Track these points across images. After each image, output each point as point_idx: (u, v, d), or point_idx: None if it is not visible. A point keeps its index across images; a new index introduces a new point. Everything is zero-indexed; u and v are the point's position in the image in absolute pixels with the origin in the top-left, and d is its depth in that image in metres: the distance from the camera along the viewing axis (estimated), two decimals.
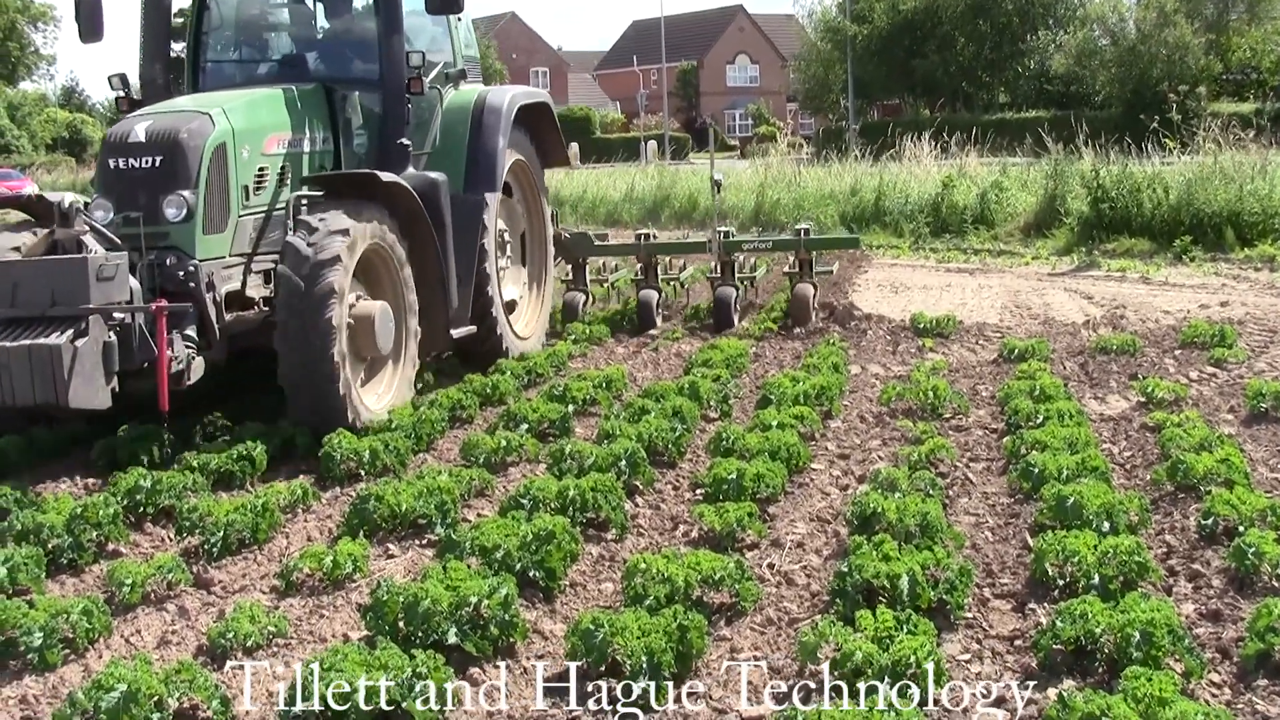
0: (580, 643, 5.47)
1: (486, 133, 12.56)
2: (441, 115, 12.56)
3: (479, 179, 12.45)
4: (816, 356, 12.50)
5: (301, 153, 10.97)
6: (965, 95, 68.11)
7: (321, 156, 11.26)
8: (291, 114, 10.89)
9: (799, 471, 8.73)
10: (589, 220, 32.59)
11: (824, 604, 6.32)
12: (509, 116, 12.78)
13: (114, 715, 5.01)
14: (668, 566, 6.22)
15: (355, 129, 11.68)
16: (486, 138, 12.55)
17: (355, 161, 11.59)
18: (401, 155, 11.56)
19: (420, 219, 10.99)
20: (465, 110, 12.65)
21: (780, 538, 7.45)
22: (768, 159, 34.58)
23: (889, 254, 23.72)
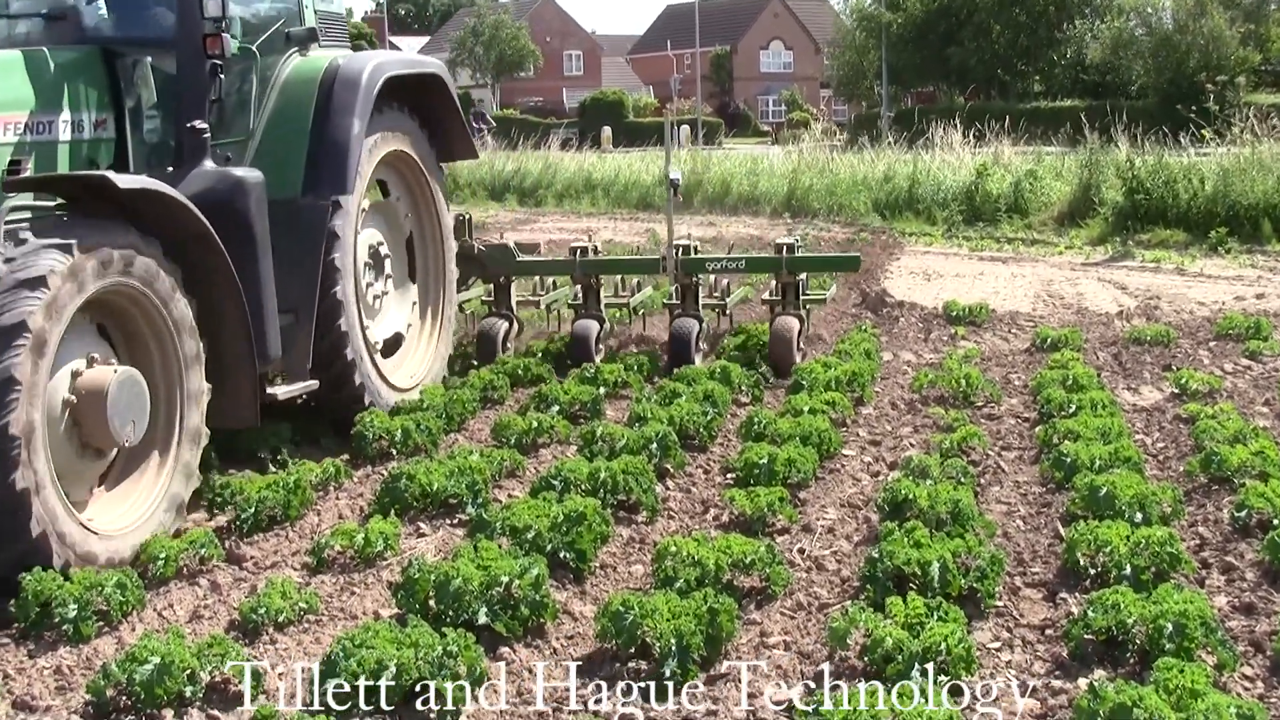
0: (610, 624, 5.48)
1: (337, 114, 9.24)
2: (279, 91, 9.28)
3: (324, 177, 9.12)
4: (849, 343, 12.47)
5: (54, 141, 7.90)
6: (1000, 83, 67.76)
7: (92, 148, 8.18)
8: (36, 86, 7.80)
9: (830, 457, 8.72)
10: (621, 205, 32.55)
11: (854, 590, 6.32)
12: (370, 91, 9.38)
13: (147, 687, 5.05)
14: (698, 550, 6.22)
15: (147, 108, 8.53)
16: (336, 120, 9.22)
17: (145, 153, 8.50)
18: (197, 145, 8.27)
19: (206, 238, 7.57)
20: (310, 84, 9.33)
21: (811, 523, 7.45)
22: (801, 145, 34.49)
23: (922, 241, 23.64)
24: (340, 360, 9.19)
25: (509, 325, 12.49)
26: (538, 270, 13.25)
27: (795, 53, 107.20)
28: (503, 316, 12.51)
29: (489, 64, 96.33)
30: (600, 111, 75.99)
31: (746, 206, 30.03)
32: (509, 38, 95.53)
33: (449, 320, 11.11)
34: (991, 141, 30.36)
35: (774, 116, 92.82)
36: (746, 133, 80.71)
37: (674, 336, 12.00)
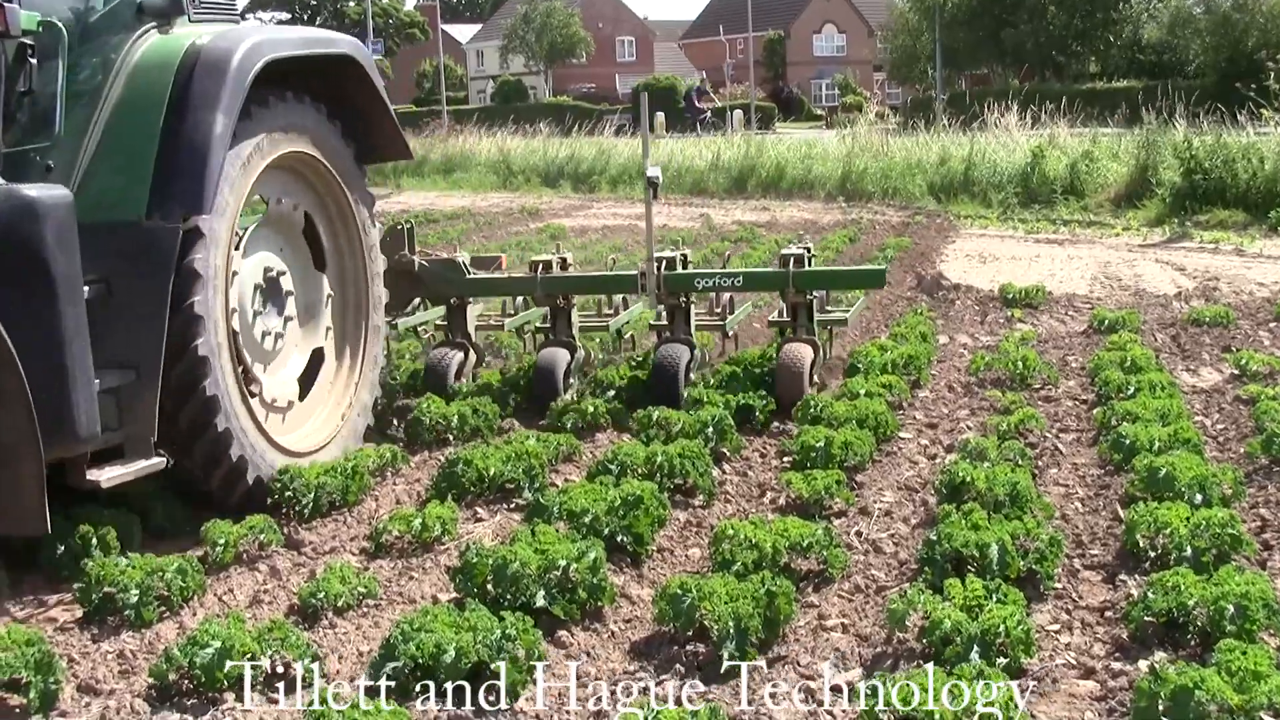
0: (668, 607, 5.48)
1: (195, 109, 7.08)
2: (125, 79, 7.15)
3: (175, 192, 6.94)
4: (904, 326, 12.42)
5: None
6: (1055, 65, 67.31)
7: None
8: None
9: (887, 440, 8.70)
10: (674, 190, 32.51)
11: (912, 572, 6.30)
12: (242, 79, 7.18)
13: (208, 671, 5.10)
14: (755, 533, 6.21)
15: None
16: (194, 118, 7.06)
17: None
18: None
19: None
20: (166, 70, 7.19)
21: (868, 506, 7.43)
22: (855, 129, 34.38)
23: (977, 224, 23.54)
24: (208, 433, 7.08)
25: (464, 356, 10.26)
26: (490, 290, 10.92)
27: (848, 36, 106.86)
28: (457, 345, 10.32)
29: (541, 51, 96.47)
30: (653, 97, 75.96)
31: (800, 191, 29.99)
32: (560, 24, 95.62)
33: (373, 361, 8.75)
34: (1047, 123, 30.16)
35: (827, 101, 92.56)
36: (800, 117, 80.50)
37: (656, 367, 9.79)
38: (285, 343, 8.05)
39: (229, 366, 7.19)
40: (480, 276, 10.58)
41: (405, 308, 10.48)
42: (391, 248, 9.94)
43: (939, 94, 57.66)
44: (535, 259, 10.52)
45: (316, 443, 8.11)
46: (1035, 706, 4.87)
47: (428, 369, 10.20)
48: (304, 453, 7.88)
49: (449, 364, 10.12)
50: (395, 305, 9.88)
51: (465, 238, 23.69)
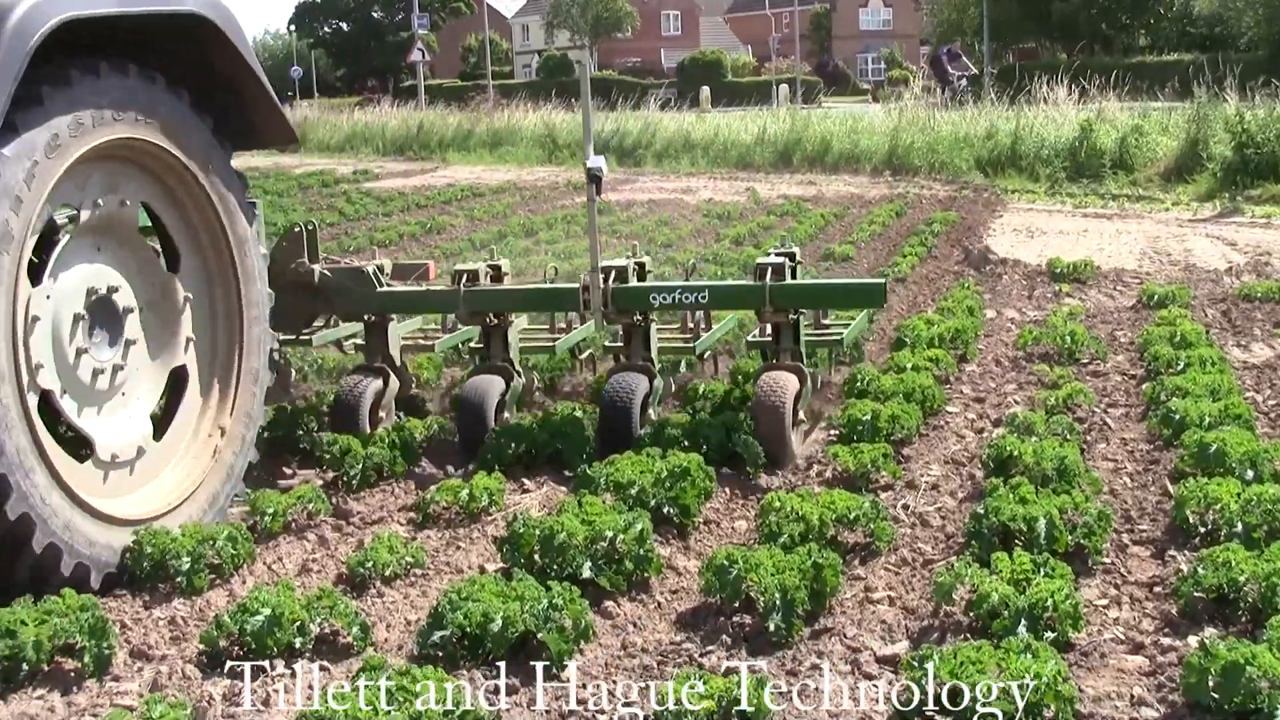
0: (714, 579, 5.49)
1: None
2: None
3: None
4: (951, 300, 12.37)
5: None
6: (1104, 38, 66.73)
7: None
8: None
9: (934, 414, 8.67)
10: (720, 164, 32.44)
11: (959, 546, 6.28)
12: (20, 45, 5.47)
13: (258, 638, 5.14)
14: (802, 505, 6.21)
15: None
16: None
17: None
18: None
19: None
20: None
21: (915, 479, 7.41)
22: (901, 103, 34.21)
23: (1024, 199, 23.40)
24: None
25: (382, 384, 8.47)
26: (404, 306, 8.99)
27: (895, 10, 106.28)
28: (374, 372, 8.51)
29: (586, 25, 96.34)
30: (698, 71, 75.81)
31: (847, 165, 29.89)
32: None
33: (251, 378, 7.02)
34: (1096, 97, 29.93)
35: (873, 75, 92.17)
36: (845, 91, 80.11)
37: (605, 403, 8.06)
38: (128, 372, 6.38)
39: (24, 441, 5.58)
40: (392, 290, 8.73)
41: (306, 326, 8.77)
42: (288, 254, 8.43)
43: (987, 68, 57.19)
44: (459, 268, 8.61)
45: (175, 497, 6.48)
46: (1083, 681, 4.85)
47: (336, 401, 8.34)
48: (151, 516, 6.25)
49: (361, 395, 8.26)
50: (294, 323, 8.52)
51: (511, 211, 23.74)
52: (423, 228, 21.14)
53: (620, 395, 8.00)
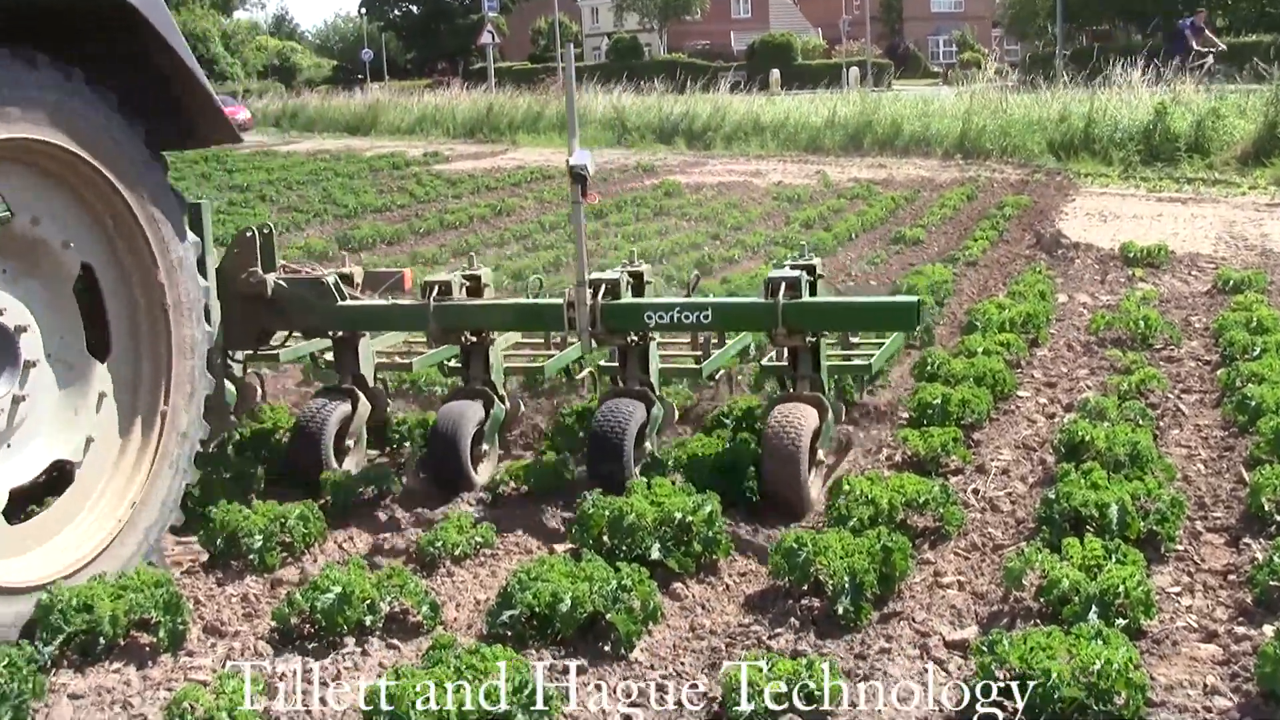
0: (783, 561, 5.48)
1: None
2: None
3: None
4: (1023, 284, 12.28)
5: None
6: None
7: None
8: None
9: (1005, 398, 8.62)
10: (790, 147, 32.34)
11: (1029, 531, 6.24)
12: None
13: (329, 615, 5.18)
14: (872, 488, 6.19)
15: None
16: None
17: None
18: None
19: None
20: None
21: (985, 464, 7.37)
22: (973, 85, 33.96)
23: (1097, 182, 23.16)
24: None
25: (350, 408, 7.49)
26: (368, 322, 7.71)
27: None
28: (340, 395, 7.53)
29: (655, 8, 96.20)
30: (768, 54, 75.57)
31: (917, 148, 29.73)
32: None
33: (183, 438, 6.09)
34: (1171, 79, 29.59)
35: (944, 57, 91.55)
36: (916, 74, 79.64)
37: (593, 436, 7.07)
38: (28, 406, 5.46)
39: None
40: (354, 305, 7.55)
41: (261, 342, 7.72)
42: (239, 262, 7.38)
43: (1060, 50, 56.57)
44: (429, 279, 7.55)
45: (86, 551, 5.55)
46: (1155, 669, 4.81)
47: (295, 429, 7.42)
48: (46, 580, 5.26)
49: (325, 421, 7.30)
50: (246, 339, 7.52)
51: None
52: (492, 210, 21.21)
53: (610, 426, 6.98)
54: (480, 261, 8.22)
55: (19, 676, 4.55)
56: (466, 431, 7.16)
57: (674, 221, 19.34)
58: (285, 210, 22.23)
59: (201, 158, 35.68)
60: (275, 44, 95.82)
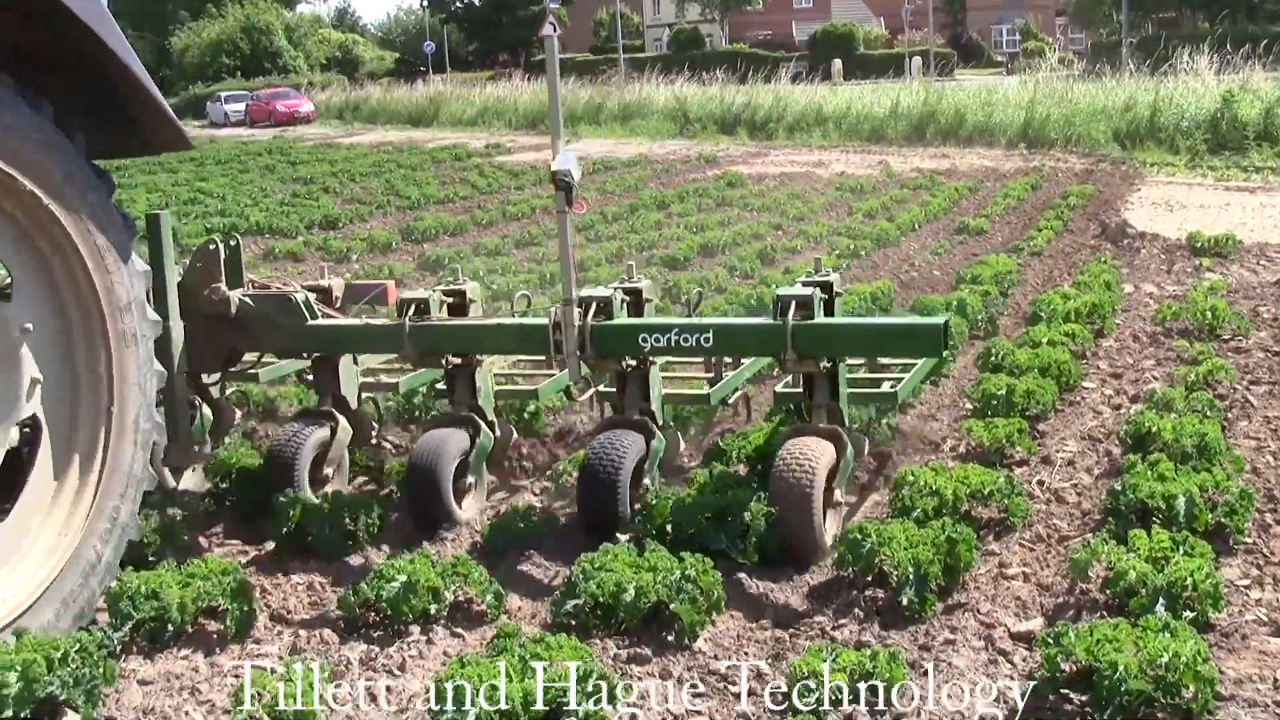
0: (847, 552, 5.46)
1: None
2: None
3: None
4: (1088, 274, 12.19)
5: None
6: (1249, 6, 65.09)
7: None
8: None
9: (1070, 389, 8.55)
10: (852, 138, 32.23)
11: (1095, 523, 6.20)
12: None
13: (394, 604, 5.22)
14: (936, 479, 6.16)
15: None
16: None
17: None
18: None
19: None
20: None
21: (1050, 455, 7.32)
22: (1037, 74, 33.73)
23: (1163, 171, 22.97)
24: None
25: (329, 433, 6.87)
26: (338, 343, 7.00)
27: None
28: (318, 419, 6.94)
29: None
30: (830, 44, 75.29)
31: (981, 138, 29.60)
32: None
33: (125, 487, 5.33)
34: (1240, 67, 29.26)
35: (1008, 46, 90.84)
36: (980, 63, 79.12)
37: (584, 473, 6.38)
38: None
39: None
40: (324, 324, 6.89)
41: (228, 365, 7.08)
42: (202, 277, 6.81)
43: (1125, 38, 56.03)
44: (406, 295, 6.93)
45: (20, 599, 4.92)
46: (1223, 662, 4.77)
47: (268, 456, 6.84)
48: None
49: (300, 448, 6.69)
50: (210, 361, 6.89)
51: (643, 184, 23.76)
52: (555, 201, 21.20)
53: (603, 463, 6.29)
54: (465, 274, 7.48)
55: (90, 662, 4.60)
56: (447, 464, 6.51)
57: (736, 212, 19.33)
58: (349, 202, 22.37)
59: (265, 150, 35.95)
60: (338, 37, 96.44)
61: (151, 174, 30.20)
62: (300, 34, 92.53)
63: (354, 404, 7.12)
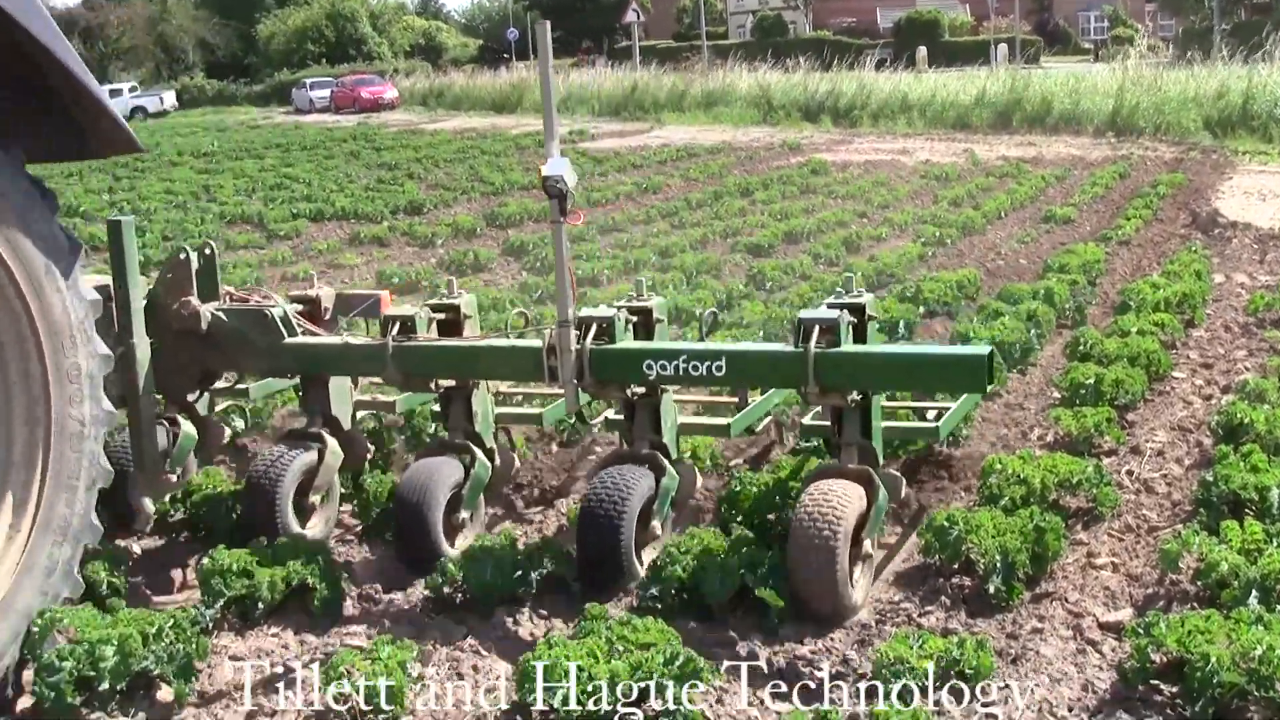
0: (934, 539, 5.44)
1: None
2: None
3: None
4: (1178, 264, 12.04)
5: None
6: None
7: None
8: None
9: (1159, 379, 8.46)
10: (937, 125, 32.00)
11: (1186, 514, 6.13)
12: None
13: (481, 586, 5.29)
14: (1023, 468, 6.11)
15: None
16: None
17: None
18: None
19: None
20: None
21: (1139, 445, 7.24)
22: (1126, 62, 33.35)
23: (1256, 160, 22.64)
24: None
25: (316, 458, 6.17)
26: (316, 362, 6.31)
27: None
28: (305, 441, 6.23)
29: None
30: (915, 31, 74.77)
31: (1068, 126, 29.32)
32: None
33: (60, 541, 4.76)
34: None
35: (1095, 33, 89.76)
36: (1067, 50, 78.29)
37: (583, 517, 5.57)
38: None
39: None
40: (303, 342, 6.25)
41: (202, 385, 6.50)
42: (172, 290, 6.26)
43: (1217, 24, 55.22)
44: (390, 313, 6.25)
45: None
46: None
47: (246, 484, 6.14)
48: None
49: (281, 475, 6.01)
50: (182, 382, 6.36)
51: (726, 171, 23.72)
52: (639, 187, 21.26)
53: (603, 504, 5.51)
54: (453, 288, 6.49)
55: (184, 638, 4.67)
56: (437, 497, 5.81)
57: (820, 199, 19.26)
58: (433, 187, 22.50)
59: (350, 136, 36.21)
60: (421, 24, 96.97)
61: (238, 160, 30.53)
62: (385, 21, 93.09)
63: (346, 424, 6.41)
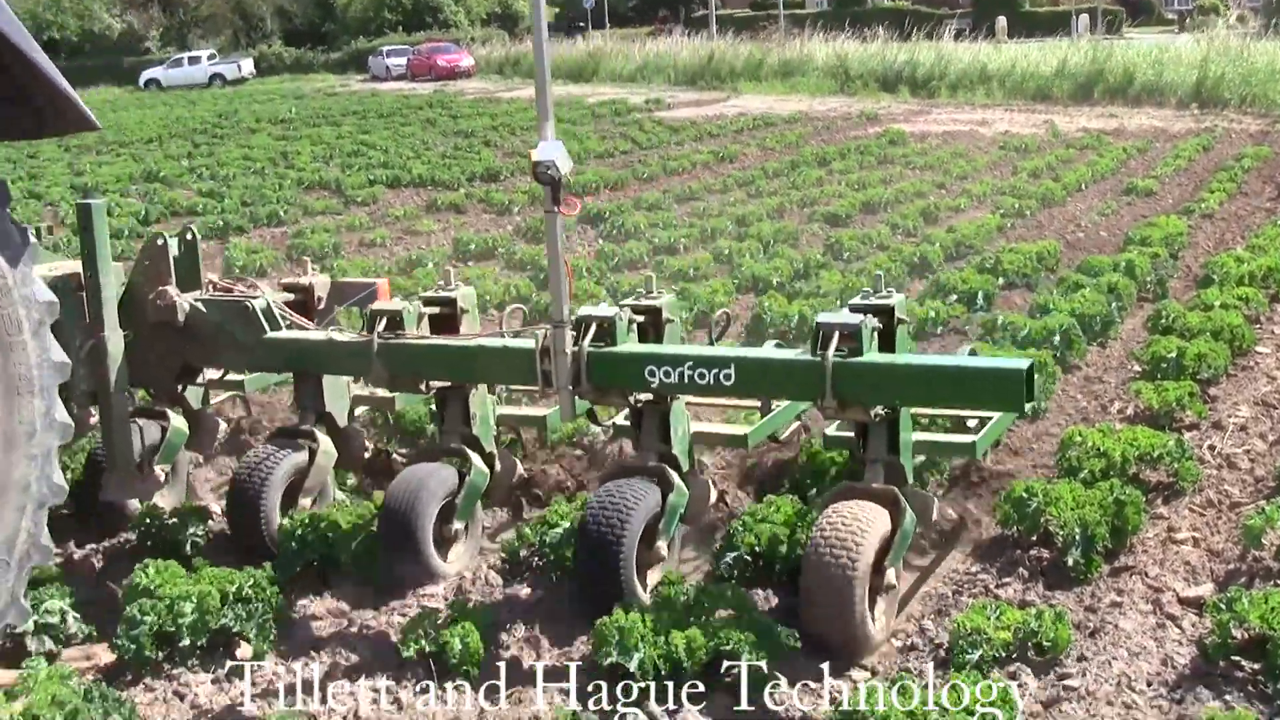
0: (1013, 511, 5.40)
1: None
2: None
3: None
4: (1263, 237, 11.86)
5: None
6: None
7: None
8: None
9: (1242, 354, 8.34)
10: (1016, 96, 31.68)
11: (1269, 490, 6.06)
12: None
13: (557, 549, 5.32)
14: (1103, 440, 6.06)
15: None
16: None
17: None
18: None
19: None
20: None
21: (1222, 420, 7.15)
22: (1211, 32, 32.86)
23: None
24: None
25: (306, 460, 5.84)
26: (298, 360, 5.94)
27: None
28: (294, 440, 5.91)
29: None
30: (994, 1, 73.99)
31: (1150, 97, 28.95)
32: None
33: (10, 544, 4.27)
34: None
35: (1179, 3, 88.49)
36: (1150, 21, 77.23)
37: (581, 535, 5.04)
38: None
39: None
40: (284, 337, 5.88)
41: (183, 380, 6.20)
42: (150, 279, 5.93)
43: None
44: (376, 307, 5.79)
45: None
46: None
47: (231, 487, 5.84)
48: None
49: (269, 474, 5.70)
50: (161, 376, 6.12)
51: (803, 141, 23.60)
52: (715, 156, 21.21)
53: (603, 522, 4.98)
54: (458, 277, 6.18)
55: (263, 597, 4.73)
56: (428, 507, 5.35)
57: (898, 170, 19.12)
58: (509, 155, 22.54)
59: (426, 104, 36.33)
60: None
61: (316, 127, 30.72)
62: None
63: (341, 421, 6.06)
